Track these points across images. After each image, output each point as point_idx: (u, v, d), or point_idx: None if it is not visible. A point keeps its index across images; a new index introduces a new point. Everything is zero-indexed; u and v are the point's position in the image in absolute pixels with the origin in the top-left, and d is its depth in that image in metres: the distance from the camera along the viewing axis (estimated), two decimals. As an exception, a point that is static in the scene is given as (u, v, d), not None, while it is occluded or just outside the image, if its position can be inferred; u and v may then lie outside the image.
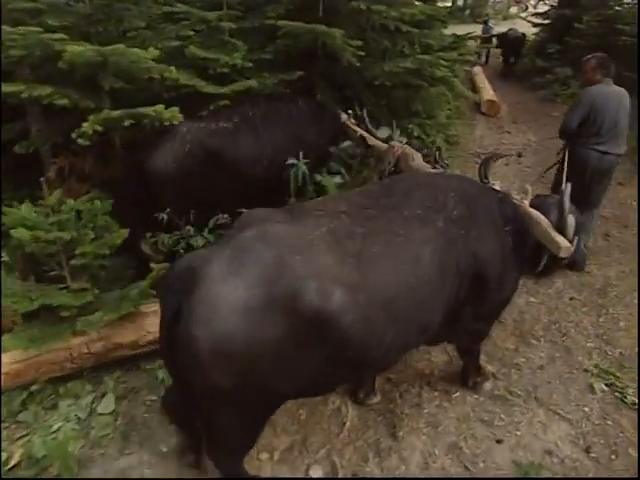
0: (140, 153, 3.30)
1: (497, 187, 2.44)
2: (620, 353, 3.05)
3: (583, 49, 7.27)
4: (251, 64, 3.86)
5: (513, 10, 23.96)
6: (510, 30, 11.20)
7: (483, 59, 12.23)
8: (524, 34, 11.09)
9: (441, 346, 3.09)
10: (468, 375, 2.80)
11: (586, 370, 2.92)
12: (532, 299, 3.56)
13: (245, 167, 3.45)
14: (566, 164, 3.65)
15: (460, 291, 2.09)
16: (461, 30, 6.32)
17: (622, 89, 3.67)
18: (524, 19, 13.18)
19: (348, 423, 2.62)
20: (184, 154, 3.28)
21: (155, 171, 3.21)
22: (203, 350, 1.58)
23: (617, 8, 9.59)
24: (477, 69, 10.24)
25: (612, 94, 3.61)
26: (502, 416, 2.63)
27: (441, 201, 2.09)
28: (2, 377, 2.59)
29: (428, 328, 2.07)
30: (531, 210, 2.32)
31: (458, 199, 2.12)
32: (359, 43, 3.85)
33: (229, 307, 1.59)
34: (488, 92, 8.77)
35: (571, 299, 3.57)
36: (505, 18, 21.94)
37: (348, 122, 3.97)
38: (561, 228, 2.20)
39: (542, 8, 12.91)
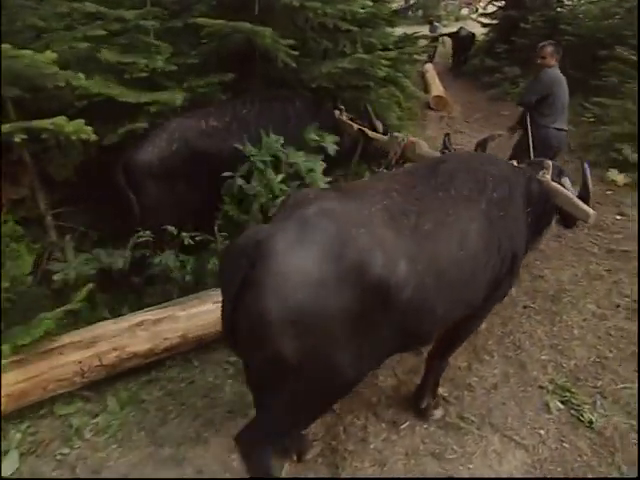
0: (122, 153, 3.14)
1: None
2: (575, 365, 2.89)
3: (529, 49, 7.29)
4: (176, 67, 3.50)
5: (464, 12, 24.44)
6: (461, 29, 11.64)
7: (431, 57, 12.26)
8: (474, 33, 11.44)
9: (389, 369, 2.85)
10: (423, 395, 2.53)
11: (541, 387, 2.74)
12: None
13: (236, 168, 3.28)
14: (531, 140, 3.95)
15: (500, 271, 2.17)
16: (412, 31, 6.23)
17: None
18: (474, 20, 13.42)
19: (286, 466, 2.33)
20: (170, 153, 3.17)
21: (139, 169, 3.06)
22: (274, 321, 1.57)
23: (559, 9, 9.81)
24: (428, 66, 10.37)
25: (563, 77, 4.15)
26: (454, 447, 2.41)
27: (482, 183, 2.15)
28: (3, 400, 2.41)
29: (472, 304, 2.17)
30: (555, 185, 2.43)
31: (497, 181, 2.19)
32: (291, 42, 3.56)
33: (299, 278, 1.59)
34: (437, 88, 8.84)
35: (525, 307, 3.41)
36: (457, 19, 22.33)
37: (342, 117, 3.97)
38: (586, 198, 2.42)
39: (491, 9, 13.16)
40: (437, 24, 13.57)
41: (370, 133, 3.78)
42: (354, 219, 1.75)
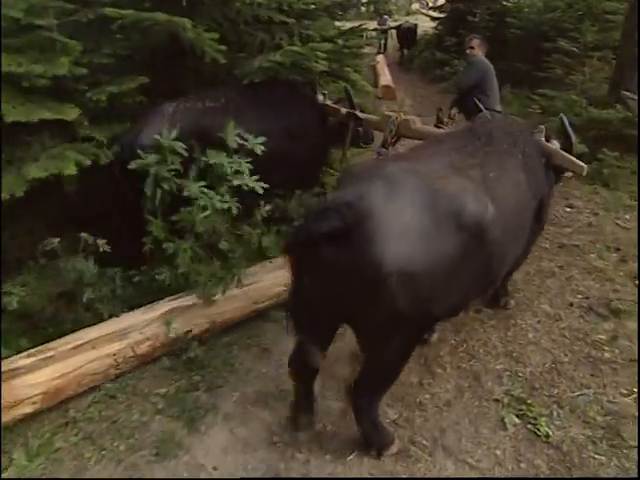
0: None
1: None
2: (531, 372, 2.74)
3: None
4: (86, 71, 3.05)
5: (415, 6, 24.60)
6: (404, 22, 12.57)
7: (382, 49, 13.30)
8: (416, 25, 12.20)
9: (334, 390, 2.61)
10: None
11: (497, 400, 2.57)
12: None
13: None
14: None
15: (534, 216, 2.44)
16: (362, 24, 6.28)
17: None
18: (425, 14, 13.49)
19: None
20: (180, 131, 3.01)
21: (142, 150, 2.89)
22: (388, 272, 1.63)
23: (504, 3, 9.89)
24: (379, 57, 10.66)
25: (491, 65, 4.59)
26: (405, 476, 2.19)
27: (515, 140, 2.44)
28: (40, 397, 2.41)
29: (523, 246, 2.42)
30: (550, 144, 2.76)
31: (524, 138, 2.53)
32: (215, 35, 3.23)
33: (404, 231, 1.69)
34: (386, 78, 8.82)
35: (478, 311, 3.24)
36: (408, 13, 22.47)
37: (327, 102, 4.05)
38: (570, 148, 2.78)
39: (440, 3, 13.22)
40: (386, 17, 14.32)
41: (362, 115, 3.87)
42: (432, 174, 1.92)
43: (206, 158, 2.83)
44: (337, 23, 8.02)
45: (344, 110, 3.90)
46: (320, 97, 4.03)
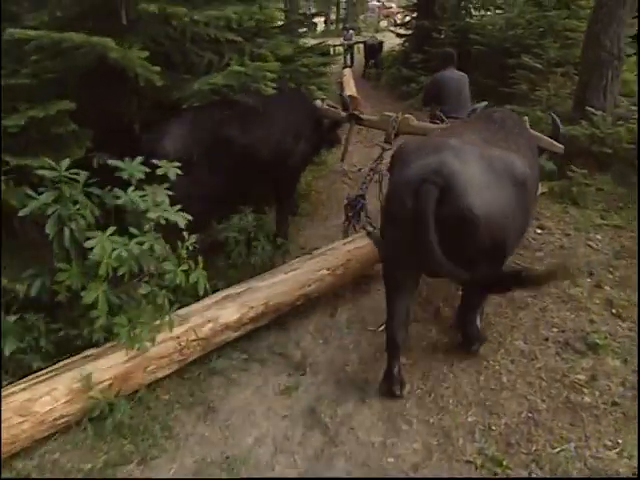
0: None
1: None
2: (506, 425, 2.45)
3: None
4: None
5: (383, 23, 24.94)
6: (370, 37, 13.20)
7: (349, 62, 13.64)
8: (381, 41, 12.51)
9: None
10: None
11: (469, 461, 2.27)
12: (403, 359, 2.89)
13: (255, 151, 3.53)
14: None
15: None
16: (332, 42, 6.57)
17: (462, 73, 5.08)
18: (392, 31, 13.57)
19: None
20: (195, 140, 3.24)
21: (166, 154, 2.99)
22: (478, 209, 2.20)
23: (468, 20, 9.95)
24: (346, 71, 10.65)
25: (455, 76, 5.00)
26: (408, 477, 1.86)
27: (520, 125, 3.05)
28: (111, 381, 2.46)
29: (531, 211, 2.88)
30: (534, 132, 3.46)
31: (521, 125, 3.13)
32: (144, 54, 2.92)
33: (479, 186, 2.24)
34: (350, 89, 8.76)
35: (447, 352, 2.97)
36: (377, 31, 22.69)
37: (325, 106, 4.39)
38: (558, 135, 3.46)
39: (406, 20, 13.31)
40: (352, 32, 14.42)
41: (363, 116, 4.29)
42: (479, 145, 2.43)
43: (116, 197, 2.48)
44: (303, 40, 7.90)
45: (344, 112, 4.29)
46: (319, 102, 4.43)
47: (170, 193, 2.71)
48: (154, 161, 2.73)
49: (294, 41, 6.76)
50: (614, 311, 3.28)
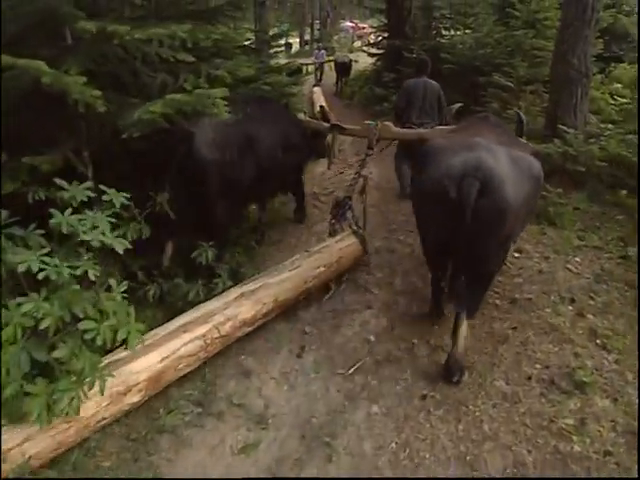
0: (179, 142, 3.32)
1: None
2: (489, 484, 2.19)
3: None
4: None
5: (357, 43, 25.24)
6: (341, 56, 13.80)
7: (319, 80, 14.23)
8: (351, 60, 13.34)
9: None
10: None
11: (449, 532, 1.99)
12: (375, 408, 2.62)
13: (269, 151, 3.85)
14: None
15: None
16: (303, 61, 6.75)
17: (433, 81, 5.35)
18: (365, 51, 13.66)
19: None
20: (226, 142, 3.50)
21: (205, 156, 3.33)
22: (510, 202, 2.51)
23: (438, 39, 9.99)
24: (316, 89, 11.08)
25: (421, 83, 5.26)
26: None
27: (503, 126, 3.45)
28: (146, 383, 2.53)
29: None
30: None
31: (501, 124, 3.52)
32: (82, 79, 2.63)
33: (510, 181, 2.54)
34: (321, 102, 8.88)
35: (423, 397, 2.70)
36: (351, 51, 22.92)
37: (307, 118, 4.85)
38: (522, 135, 3.56)
39: (377, 39, 13.39)
40: (323, 51, 15.03)
41: (345, 125, 4.54)
42: (500, 144, 2.76)
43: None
44: (274, 60, 7.76)
45: (328, 123, 4.50)
46: (302, 115, 4.91)
47: (113, 220, 2.50)
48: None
49: (264, 61, 6.64)
50: (598, 342, 3.08)
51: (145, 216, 3.18)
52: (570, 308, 3.45)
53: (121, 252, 2.34)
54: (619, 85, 7.41)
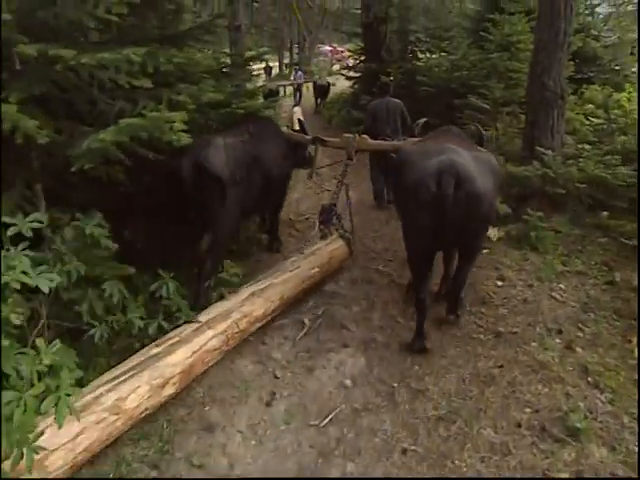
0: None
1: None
2: None
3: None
4: None
5: (336, 67, 25.55)
6: (319, 78, 14.63)
7: (297, 101, 14.63)
8: (329, 83, 13.89)
9: None
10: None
11: None
12: (350, 466, 2.34)
13: (268, 169, 4.01)
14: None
15: None
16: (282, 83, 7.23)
17: (395, 100, 5.92)
18: (343, 75, 13.71)
19: None
20: (234, 160, 3.59)
21: (217, 174, 3.41)
22: (484, 196, 2.95)
23: (415, 62, 10.03)
24: (296, 109, 11.19)
25: (384, 103, 5.86)
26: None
27: (461, 135, 3.78)
28: (179, 377, 2.73)
29: None
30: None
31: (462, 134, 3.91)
32: (14, 108, 2.39)
33: (478, 175, 2.95)
34: (300, 118, 8.77)
35: (404, 452, 2.43)
36: (329, 74, 23.15)
37: (291, 132, 5.13)
38: (482, 145, 3.85)
39: (354, 62, 13.47)
40: (300, 73, 15.39)
41: (326, 138, 4.91)
42: (465, 148, 3.21)
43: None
44: (250, 84, 7.61)
45: (309, 137, 4.83)
46: (285, 129, 5.11)
47: (30, 254, 2.28)
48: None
49: (240, 85, 6.47)
50: (590, 380, 2.88)
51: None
52: (558, 341, 3.27)
53: (46, 291, 2.07)
54: (591, 106, 7.48)
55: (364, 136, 4.77)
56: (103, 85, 3.26)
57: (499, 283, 4.02)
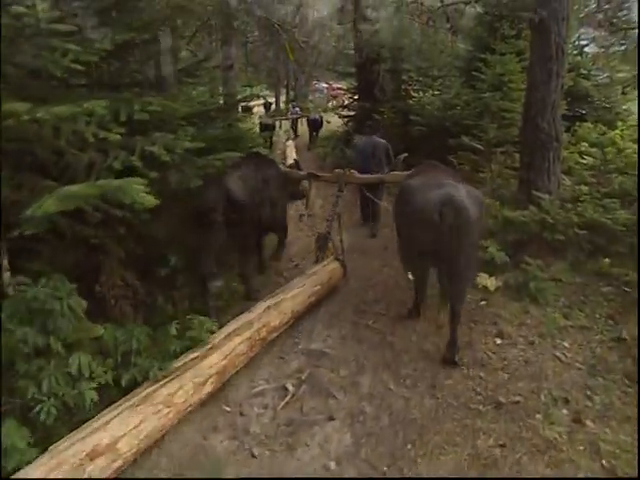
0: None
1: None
2: None
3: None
4: None
5: (332, 103, 25.89)
6: (312, 114, 14.79)
7: (293, 135, 15.15)
8: (322, 117, 14.47)
9: None
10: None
11: None
12: None
13: (273, 194, 4.70)
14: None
15: None
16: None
17: (380, 140, 6.50)
18: (336, 113, 13.84)
19: None
20: (250, 189, 4.29)
21: (241, 199, 4.10)
22: (472, 221, 3.42)
23: (408, 101, 10.02)
24: (289, 143, 11.69)
25: (370, 142, 6.46)
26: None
27: (446, 169, 4.30)
28: (214, 378, 3.14)
29: None
30: None
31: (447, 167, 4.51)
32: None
33: (471, 206, 3.44)
34: (292, 157, 9.15)
35: None
36: (325, 110, 23.44)
37: (287, 169, 5.61)
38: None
39: (347, 101, 13.58)
40: (297, 108, 15.89)
41: (319, 174, 5.49)
42: (457, 182, 3.67)
43: None
44: (243, 123, 7.53)
45: (304, 172, 5.43)
46: (281, 166, 5.53)
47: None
48: None
49: (233, 125, 6.35)
50: (605, 463, 2.56)
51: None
52: (565, 412, 2.96)
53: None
54: (585, 144, 7.37)
55: (353, 171, 5.35)
56: (69, 137, 3.08)
57: (498, 341, 3.74)
